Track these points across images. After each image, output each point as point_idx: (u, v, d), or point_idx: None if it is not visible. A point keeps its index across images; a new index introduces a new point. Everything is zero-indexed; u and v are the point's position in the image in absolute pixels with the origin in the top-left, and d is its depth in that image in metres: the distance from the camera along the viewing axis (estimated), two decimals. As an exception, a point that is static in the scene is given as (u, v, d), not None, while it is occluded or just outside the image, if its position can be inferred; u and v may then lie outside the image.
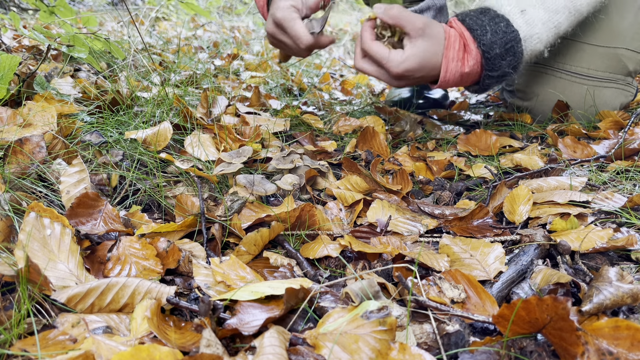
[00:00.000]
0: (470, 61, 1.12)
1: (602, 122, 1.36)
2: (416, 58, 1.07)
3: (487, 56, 1.11)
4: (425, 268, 0.75)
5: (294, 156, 1.05)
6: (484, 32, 1.10)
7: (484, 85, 1.19)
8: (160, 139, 1.03)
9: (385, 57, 1.08)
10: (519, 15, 1.13)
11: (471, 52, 1.11)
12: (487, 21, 1.11)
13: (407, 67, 1.08)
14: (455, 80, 1.14)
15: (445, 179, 1.14)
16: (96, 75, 1.54)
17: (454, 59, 1.10)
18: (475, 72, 1.14)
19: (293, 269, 0.74)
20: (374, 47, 1.09)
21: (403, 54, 1.08)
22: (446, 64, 1.10)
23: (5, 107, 1.01)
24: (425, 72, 1.11)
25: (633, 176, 1.03)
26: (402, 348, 0.52)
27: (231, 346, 0.57)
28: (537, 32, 1.15)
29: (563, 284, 0.66)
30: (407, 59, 1.07)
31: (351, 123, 1.46)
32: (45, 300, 0.60)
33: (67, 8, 1.54)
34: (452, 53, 1.10)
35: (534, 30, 1.15)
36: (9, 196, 0.76)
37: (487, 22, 1.11)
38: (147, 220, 0.83)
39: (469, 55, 1.12)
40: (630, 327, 0.52)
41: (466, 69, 1.12)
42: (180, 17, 3.98)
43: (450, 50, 1.10)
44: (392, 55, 1.08)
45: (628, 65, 1.38)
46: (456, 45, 1.10)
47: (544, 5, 1.15)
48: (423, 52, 1.08)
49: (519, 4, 1.14)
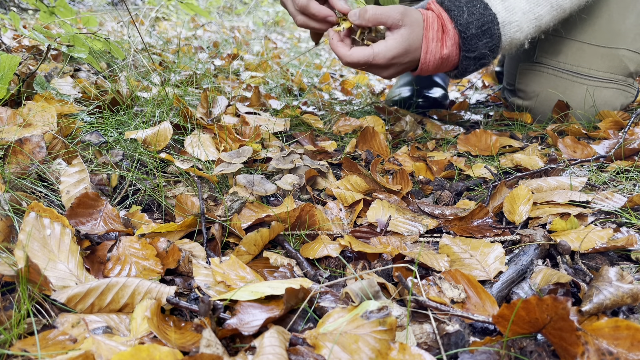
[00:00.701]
0: (448, 41, 1.13)
1: (602, 122, 1.36)
2: (400, 44, 1.09)
3: (464, 36, 1.13)
4: (425, 268, 0.75)
5: (294, 156, 1.05)
6: (460, 12, 1.12)
7: (462, 67, 1.20)
8: (160, 139, 1.03)
9: (370, 56, 1.09)
10: (499, 1, 1.15)
11: (448, 32, 1.13)
12: (464, 2, 1.13)
13: (394, 55, 1.09)
14: (436, 62, 1.15)
15: (445, 179, 1.14)
16: (96, 75, 1.54)
17: (434, 39, 1.12)
18: (454, 55, 1.15)
19: (293, 269, 0.74)
20: (355, 55, 1.09)
21: (386, 45, 1.09)
22: (426, 44, 1.12)
23: (5, 107, 1.01)
24: (411, 57, 1.13)
25: (633, 176, 1.03)
26: (402, 348, 0.52)
27: (231, 346, 0.57)
28: (516, 20, 1.16)
29: (563, 284, 0.66)
30: (392, 47, 1.08)
31: (351, 123, 1.46)
32: (45, 300, 0.60)
33: (67, 8, 1.54)
34: (432, 33, 1.12)
35: (514, 17, 1.16)
36: (9, 196, 0.76)
37: (465, 3, 1.13)
38: (147, 220, 0.83)
39: (446, 36, 1.13)
40: (630, 327, 0.52)
41: (445, 50, 1.13)
42: (180, 17, 3.98)
43: (429, 31, 1.11)
44: (376, 50, 1.08)
45: (629, 66, 1.38)
46: (435, 25, 1.12)
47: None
48: (407, 37, 1.09)
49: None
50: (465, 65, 1.19)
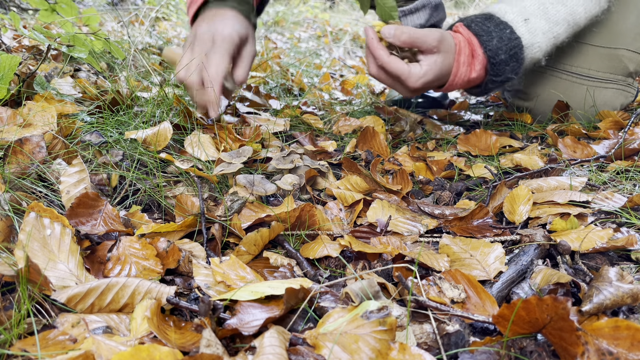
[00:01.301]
0: (477, 66, 1.14)
1: (602, 122, 1.36)
2: (434, 72, 1.09)
3: (493, 61, 1.14)
4: (425, 268, 0.75)
5: (294, 156, 1.05)
6: (490, 38, 1.13)
7: (485, 89, 1.21)
8: (160, 139, 1.02)
9: (405, 73, 1.08)
10: (522, 23, 1.15)
11: (478, 57, 1.13)
12: (492, 27, 1.14)
13: (426, 81, 1.09)
14: (462, 84, 1.17)
15: (445, 179, 1.14)
16: (96, 75, 1.54)
17: (464, 64, 1.13)
18: (480, 77, 1.16)
19: (293, 269, 0.74)
20: (392, 64, 1.08)
21: (421, 69, 1.09)
22: (457, 68, 1.13)
23: (5, 107, 1.01)
24: (441, 81, 1.14)
25: (633, 176, 1.03)
26: (402, 348, 0.52)
27: (231, 346, 0.57)
28: (538, 41, 1.18)
29: (563, 284, 0.66)
30: (426, 73, 1.09)
31: (351, 123, 1.46)
32: (45, 300, 0.60)
33: (69, 5, 1.53)
34: (463, 58, 1.13)
35: (536, 39, 1.17)
36: (9, 196, 0.76)
37: (493, 29, 1.13)
38: (147, 220, 0.83)
39: (476, 61, 1.14)
40: (630, 327, 0.52)
41: (473, 74, 1.15)
42: (180, 17, 3.98)
43: (461, 55, 1.12)
44: (413, 71, 1.08)
45: (629, 66, 1.38)
46: (466, 50, 1.13)
47: (545, 16, 1.18)
48: (440, 65, 1.10)
49: (522, 12, 1.16)
50: (489, 88, 1.21)
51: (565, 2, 1.19)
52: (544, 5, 1.18)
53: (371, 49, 1.10)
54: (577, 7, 1.20)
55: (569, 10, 1.20)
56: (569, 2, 1.19)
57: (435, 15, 1.78)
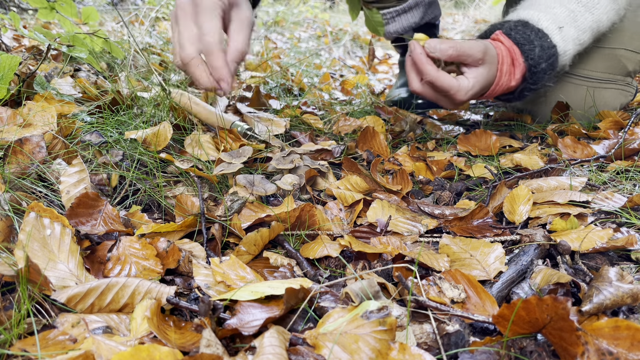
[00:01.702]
0: (518, 74, 1.14)
1: (602, 122, 1.36)
2: (480, 84, 1.09)
3: (534, 70, 1.14)
4: (425, 268, 0.75)
5: (294, 156, 1.05)
6: (532, 47, 1.13)
7: (519, 95, 1.21)
8: (160, 139, 1.02)
9: (455, 88, 1.07)
10: (557, 31, 1.16)
11: (519, 65, 1.14)
12: (533, 36, 1.14)
13: (473, 93, 1.09)
14: (500, 92, 1.17)
15: (445, 179, 1.14)
16: (96, 75, 1.54)
17: (506, 73, 1.13)
18: (517, 85, 1.17)
19: (293, 269, 0.74)
20: (442, 78, 1.06)
21: (469, 83, 1.08)
22: (499, 77, 1.13)
23: (5, 107, 1.01)
24: (483, 92, 1.14)
25: (633, 176, 1.03)
26: (402, 348, 0.52)
27: (231, 346, 0.57)
28: (569, 49, 1.19)
29: (563, 284, 0.66)
30: (474, 86, 1.08)
31: (351, 123, 1.46)
32: (45, 300, 0.60)
33: (68, 3, 1.52)
34: (505, 67, 1.13)
35: (568, 46, 1.18)
36: (9, 196, 0.76)
37: (534, 37, 1.13)
38: (147, 220, 0.83)
39: (517, 69, 1.14)
40: (630, 327, 0.52)
41: (513, 82, 1.15)
42: (180, 17, 3.97)
43: (504, 65, 1.13)
44: (462, 85, 1.07)
45: (627, 66, 1.38)
46: (508, 59, 1.13)
47: (575, 24, 1.18)
48: (486, 76, 1.10)
49: (555, 20, 1.17)
50: (524, 95, 1.20)
51: (592, 11, 1.20)
52: (573, 14, 1.18)
53: (419, 65, 1.07)
54: (602, 16, 1.22)
55: (595, 19, 1.21)
56: (595, 11, 1.20)
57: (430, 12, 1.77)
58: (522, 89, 1.19)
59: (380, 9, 1.74)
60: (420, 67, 1.07)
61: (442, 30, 4.80)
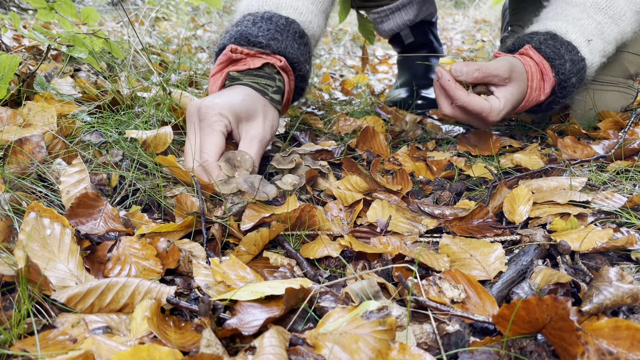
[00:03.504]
0: (547, 89, 1.13)
1: (602, 122, 1.36)
2: (511, 103, 1.09)
3: (564, 85, 1.13)
4: (425, 268, 0.75)
5: (294, 156, 1.04)
6: (563, 62, 1.11)
7: (547, 108, 1.19)
8: (160, 143, 1.01)
9: (487, 110, 1.06)
10: (585, 44, 1.14)
11: (549, 80, 1.13)
12: (563, 50, 1.12)
13: (505, 113, 1.08)
14: (529, 107, 1.16)
15: (445, 179, 1.14)
16: (96, 75, 1.54)
17: (536, 89, 1.12)
18: (545, 99, 1.16)
19: (293, 269, 0.74)
20: (473, 102, 1.05)
21: (500, 103, 1.07)
22: (529, 93, 1.12)
23: (5, 107, 1.01)
24: (514, 109, 1.13)
25: (633, 176, 1.03)
26: (402, 348, 0.52)
27: (231, 346, 0.57)
28: (595, 62, 1.18)
29: (563, 284, 0.66)
30: (505, 106, 1.07)
31: (351, 123, 1.46)
32: (45, 300, 0.60)
33: (67, 3, 1.52)
34: (535, 83, 1.12)
35: (595, 59, 1.17)
36: (9, 196, 0.76)
37: (564, 52, 1.12)
38: (147, 220, 0.83)
39: (546, 84, 1.13)
40: (630, 327, 0.52)
41: (542, 97, 1.14)
42: (180, 17, 3.98)
43: (534, 82, 1.12)
44: (494, 107, 1.06)
45: (629, 68, 1.37)
46: (537, 75, 1.12)
47: (601, 36, 1.17)
48: (516, 95, 1.09)
49: (583, 32, 1.15)
50: (552, 107, 1.19)
51: (618, 23, 1.19)
52: (600, 25, 1.17)
53: (449, 91, 1.06)
54: (627, 27, 1.21)
55: (620, 30, 1.20)
56: (621, 23, 1.19)
57: (425, 9, 1.77)
58: (550, 102, 1.18)
59: (374, 8, 1.75)
60: (451, 94, 1.06)
61: (442, 30, 4.79)
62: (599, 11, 1.18)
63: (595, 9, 1.18)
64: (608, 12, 1.18)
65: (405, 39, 1.81)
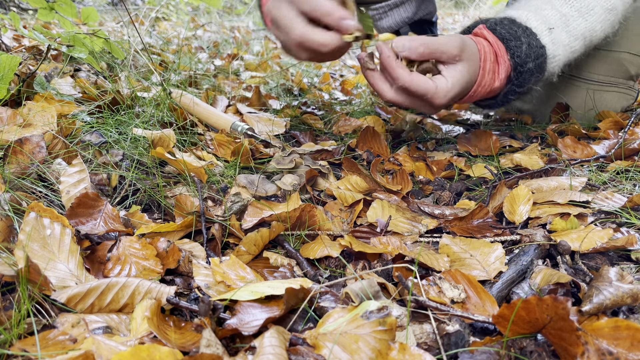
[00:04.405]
0: (502, 74, 1.04)
1: (602, 122, 1.36)
2: (460, 83, 0.97)
3: (520, 70, 1.03)
4: (425, 268, 0.75)
5: (294, 156, 1.05)
6: (519, 43, 1.02)
7: (503, 100, 1.10)
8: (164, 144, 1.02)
9: (432, 90, 0.94)
10: (547, 32, 1.07)
11: (504, 63, 1.03)
12: (520, 32, 1.03)
13: (453, 95, 0.96)
14: (483, 95, 1.06)
15: (445, 179, 1.14)
16: (96, 75, 1.54)
17: (490, 71, 1.02)
18: (500, 87, 1.06)
19: (293, 269, 0.74)
20: (416, 83, 0.93)
21: (447, 82, 0.95)
22: (482, 76, 1.01)
23: (5, 107, 1.01)
24: (463, 94, 1.02)
25: (633, 176, 1.04)
26: (402, 348, 0.52)
27: (231, 346, 0.57)
28: (559, 54, 1.09)
29: (563, 284, 0.66)
30: (453, 86, 0.96)
31: (351, 123, 1.46)
32: (45, 300, 0.60)
33: (67, 3, 1.52)
34: (488, 65, 1.01)
35: (558, 51, 1.09)
36: (9, 196, 0.76)
37: (521, 34, 1.03)
38: (147, 220, 0.83)
39: (501, 67, 1.03)
40: (630, 327, 0.52)
41: (497, 83, 1.04)
42: (180, 17, 3.98)
43: (487, 63, 1.01)
44: (440, 87, 0.94)
45: (630, 69, 1.37)
46: (491, 56, 1.02)
47: (566, 28, 1.10)
48: (466, 75, 0.97)
49: (546, 22, 1.08)
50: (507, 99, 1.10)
51: (585, 17, 1.12)
52: (565, 17, 1.10)
53: (389, 69, 0.93)
54: (596, 25, 1.13)
55: (589, 26, 1.12)
56: (589, 17, 1.12)
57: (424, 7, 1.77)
58: (506, 92, 1.09)
59: (372, 4, 1.75)
60: (391, 72, 0.93)
61: (442, 30, 4.80)
62: (565, 3, 1.10)
63: (561, 1, 1.10)
64: (575, 4, 1.11)
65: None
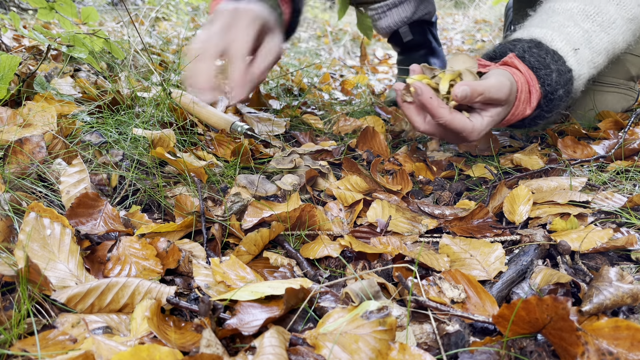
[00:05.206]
0: (534, 102, 1.03)
1: (602, 122, 1.36)
2: (495, 122, 0.98)
3: (551, 97, 1.03)
4: (425, 268, 0.75)
5: (294, 156, 1.05)
6: (549, 72, 1.01)
7: (530, 124, 1.10)
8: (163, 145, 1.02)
9: (469, 129, 0.94)
10: (572, 53, 1.05)
11: (535, 92, 1.02)
12: (549, 59, 1.02)
13: (486, 132, 0.98)
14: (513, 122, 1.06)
15: (445, 179, 1.14)
16: (96, 75, 1.54)
17: (523, 102, 1.02)
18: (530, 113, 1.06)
19: (293, 269, 0.74)
20: (456, 121, 0.93)
21: (483, 122, 0.96)
22: (516, 107, 1.01)
23: (5, 107, 1.01)
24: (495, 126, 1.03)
25: (633, 176, 1.03)
26: (402, 348, 0.52)
27: (231, 346, 0.57)
28: (583, 73, 1.08)
29: (563, 284, 0.66)
30: (488, 125, 0.97)
31: (351, 123, 1.46)
32: (45, 300, 0.60)
33: (67, 3, 1.52)
34: (523, 96, 1.01)
35: (582, 70, 1.07)
36: (9, 196, 0.76)
37: (550, 61, 1.02)
38: (147, 220, 0.83)
39: (532, 97, 1.02)
40: (630, 327, 0.52)
41: (528, 111, 1.04)
42: (180, 17, 3.98)
43: (522, 94, 1.01)
44: (476, 126, 0.95)
45: (631, 70, 1.37)
46: (525, 87, 1.02)
47: (589, 45, 1.08)
48: (502, 114, 0.99)
49: (570, 41, 1.06)
50: (535, 123, 1.09)
51: (608, 31, 1.09)
52: (588, 34, 1.07)
53: (431, 109, 0.92)
54: (618, 37, 1.11)
55: (611, 40, 1.10)
56: (611, 31, 1.09)
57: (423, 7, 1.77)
58: (534, 117, 1.08)
59: (371, 4, 1.75)
60: (432, 112, 0.93)
61: (442, 30, 4.80)
62: (587, 18, 1.08)
63: (583, 16, 1.08)
64: (596, 19, 1.09)
65: (404, 36, 1.81)
